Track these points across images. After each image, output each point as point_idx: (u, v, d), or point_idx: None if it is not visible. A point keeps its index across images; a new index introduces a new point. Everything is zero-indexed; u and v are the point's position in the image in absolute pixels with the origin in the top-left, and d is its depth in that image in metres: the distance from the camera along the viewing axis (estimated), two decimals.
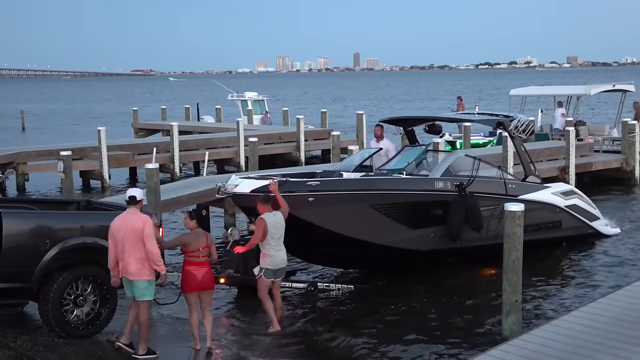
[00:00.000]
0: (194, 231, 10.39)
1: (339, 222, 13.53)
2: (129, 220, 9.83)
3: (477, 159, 15.22)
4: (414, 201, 14.25)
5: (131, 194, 10.10)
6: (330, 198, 13.40)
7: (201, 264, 10.33)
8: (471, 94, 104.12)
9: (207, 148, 30.32)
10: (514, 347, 8.95)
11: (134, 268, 9.72)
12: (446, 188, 14.52)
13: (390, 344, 11.32)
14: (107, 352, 10.18)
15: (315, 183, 13.43)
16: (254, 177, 14.07)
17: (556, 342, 9.00)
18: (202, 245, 10.32)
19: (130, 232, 9.72)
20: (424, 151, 16.06)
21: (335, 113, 66.98)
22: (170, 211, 18.96)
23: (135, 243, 9.72)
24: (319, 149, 35.21)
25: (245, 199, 13.28)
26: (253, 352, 10.79)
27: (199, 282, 10.27)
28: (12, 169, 25.89)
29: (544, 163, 24.74)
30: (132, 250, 9.70)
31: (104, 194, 25.63)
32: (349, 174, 15.14)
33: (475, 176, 14.83)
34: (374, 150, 16.31)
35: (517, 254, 10.23)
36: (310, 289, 13.68)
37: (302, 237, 13.74)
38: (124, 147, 30.20)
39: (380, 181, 14.44)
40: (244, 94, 45.20)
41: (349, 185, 14.02)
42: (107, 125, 33.85)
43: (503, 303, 10.35)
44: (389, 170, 15.26)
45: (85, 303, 10.45)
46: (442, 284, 14.27)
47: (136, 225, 9.76)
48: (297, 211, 13.08)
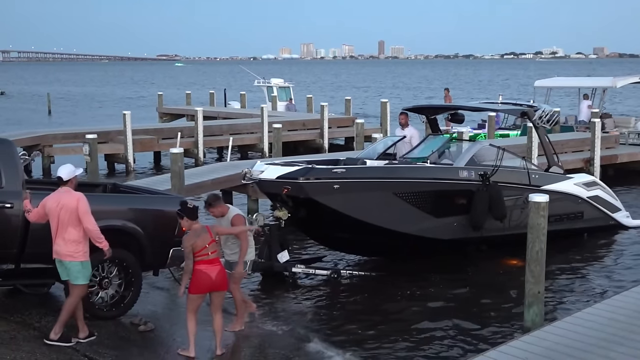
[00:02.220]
0: (193, 229, 9.39)
1: (363, 210, 13.56)
2: (61, 199, 9.28)
3: (501, 149, 15.19)
4: (438, 190, 14.25)
5: (58, 175, 9.47)
6: (355, 185, 13.42)
7: (212, 261, 9.33)
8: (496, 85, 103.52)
9: (231, 134, 30.47)
10: (535, 339, 8.94)
11: (65, 249, 9.27)
12: (470, 177, 14.51)
13: (411, 332, 11.34)
14: (130, 334, 10.26)
15: (341, 170, 13.45)
16: (280, 164, 14.11)
17: (578, 334, 8.98)
18: (207, 241, 9.32)
19: (63, 212, 9.20)
20: (448, 140, 16.03)
21: (359, 101, 66.89)
22: (193, 196, 19.07)
23: (68, 223, 9.19)
24: (343, 136, 35.17)
25: (271, 185, 13.33)
26: (271, 338, 10.82)
27: (212, 281, 9.31)
28: (38, 151, 26.02)
29: (569, 154, 24.62)
30: (62, 230, 9.22)
31: (128, 177, 25.82)
32: (373, 161, 15.17)
33: (499, 166, 14.81)
34: (398, 137, 16.31)
35: (540, 245, 10.19)
36: (333, 276, 13.73)
37: (326, 224, 13.80)
38: (148, 132, 30.36)
39: (405, 169, 14.44)
40: (270, 80, 45.24)
41: (374, 173, 14.03)
42: (131, 109, 33.99)
43: (525, 294, 10.32)
44: (413, 158, 15.27)
45: (110, 286, 10.49)
46: (464, 274, 14.27)
47: (69, 204, 9.20)
48: (322, 198, 13.14)
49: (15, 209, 9.65)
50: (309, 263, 14.31)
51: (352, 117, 35.66)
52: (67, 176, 9.37)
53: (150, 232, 10.52)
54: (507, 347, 8.74)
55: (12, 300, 10.89)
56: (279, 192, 13.26)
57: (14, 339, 9.28)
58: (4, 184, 9.71)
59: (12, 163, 9.89)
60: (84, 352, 9.09)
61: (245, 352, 10.17)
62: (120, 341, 9.86)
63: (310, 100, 41.62)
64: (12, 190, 9.72)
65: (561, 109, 31.77)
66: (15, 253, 9.75)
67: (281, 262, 13.63)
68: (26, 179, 10.61)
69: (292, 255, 14.44)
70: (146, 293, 11.26)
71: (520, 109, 17.39)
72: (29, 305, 9.68)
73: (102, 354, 9.14)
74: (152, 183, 17.27)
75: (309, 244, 16.02)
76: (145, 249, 10.40)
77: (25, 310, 9.94)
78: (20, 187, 9.79)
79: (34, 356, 8.78)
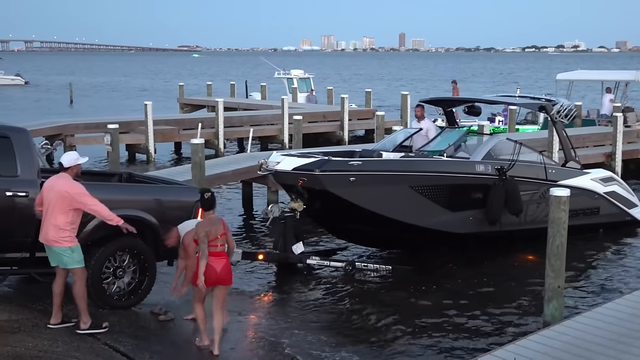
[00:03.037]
0: (207, 218, 9.19)
1: (379, 203, 13.54)
2: (55, 184, 9.23)
3: (518, 143, 15.13)
4: (454, 184, 14.22)
5: (60, 160, 9.44)
6: (371, 178, 13.40)
7: (219, 254, 9.05)
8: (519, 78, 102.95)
9: (251, 125, 30.54)
10: (555, 333, 8.93)
11: (51, 234, 9.14)
12: (487, 171, 14.46)
13: (428, 325, 11.35)
14: (150, 324, 10.32)
15: (357, 163, 13.43)
16: (296, 155, 14.11)
17: (598, 330, 8.96)
18: (219, 232, 9.03)
19: (52, 195, 9.14)
20: (465, 133, 15.98)
21: (379, 93, 66.78)
22: (213, 186, 19.16)
23: (55, 207, 9.10)
24: (363, 128, 35.15)
25: (287, 177, 13.34)
26: (286, 330, 10.85)
27: (217, 274, 9.00)
28: (60, 140, 26.22)
29: (590, 149, 24.47)
30: (51, 215, 9.14)
31: (149, 167, 25.94)
32: (389, 154, 15.14)
33: (516, 160, 14.75)
34: (414, 130, 16.26)
35: (561, 240, 10.15)
36: (348, 269, 13.73)
37: (341, 216, 13.79)
38: (169, 122, 30.49)
39: (422, 162, 14.39)
40: (290, 71, 45.22)
41: (390, 165, 14.01)
42: (152, 99, 34.11)
43: (545, 289, 10.29)
44: (429, 151, 15.20)
45: (125, 274, 10.50)
46: (481, 268, 14.24)
47: (60, 189, 9.12)
48: (338, 190, 13.12)
49: (30, 198, 9.70)
50: (325, 255, 14.33)
51: (372, 109, 35.62)
52: (68, 163, 9.36)
53: (164, 222, 10.50)
54: (527, 341, 8.72)
55: (33, 288, 10.98)
56: (295, 184, 13.26)
57: (36, 326, 9.37)
58: (19, 172, 9.77)
59: (28, 152, 9.94)
60: (104, 341, 9.16)
61: (258, 343, 10.21)
62: (140, 330, 9.93)
63: (330, 92, 41.60)
64: (27, 179, 9.79)
65: (583, 102, 31.61)
66: (30, 242, 9.78)
67: (296, 253, 13.64)
68: (42, 168, 10.64)
69: (308, 247, 14.47)
70: (165, 283, 11.32)
71: (538, 103, 17.31)
72: (49, 293, 9.73)
73: (122, 343, 9.21)
74: (172, 174, 17.34)
75: (324, 236, 16.03)
76: (160, 239, 10.43)
77: (46, 299, 10.00)
78: (35, 176, 9.85)
79: (55, 343, 8.86)
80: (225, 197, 21.33)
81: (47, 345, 8.74)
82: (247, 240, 16.62)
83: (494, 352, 8.51)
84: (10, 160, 9.74)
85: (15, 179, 9.73)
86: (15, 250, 9.86)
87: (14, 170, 9.74)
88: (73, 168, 9.39)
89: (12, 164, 9.74)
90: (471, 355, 9.81)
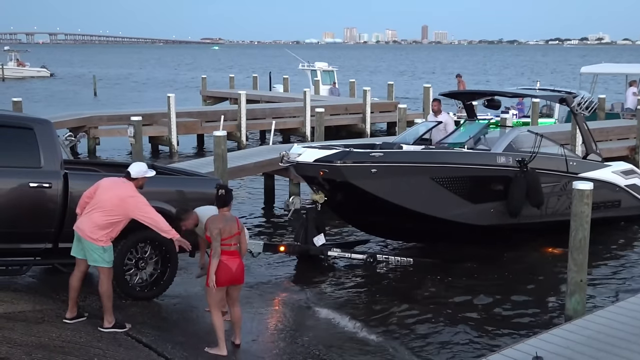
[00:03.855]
0: (222, 214, 8.90)
1: (400, 194, 13.53)
2: (116, 185, 9.22)
3: (539, 135, 15.04)
4: (475, 175, 14.19)
5: (128, 169, 9.30)
6: (393, 170, 13.39)
7: (233, 253, 8.77)
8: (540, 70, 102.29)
9: (273, 117, 30.58)
10: (577, 327, 8.89)
11: (88, 229, 9.04)
12: (508, 163, 14.40)
13: (448, 319, 11.34)
14: (172, 314, 10.39)
15: (379, 154, 13.41)
16: (317, 147, 14.12)
17: (621, 324, 8.90)
18: (233, 231, 8.76)
19: (108, 195, 9.08)
20: (486, 126, 15.91)
21: (401, 86, 66.61)
22: (235, 179, 19.25)
23: (101, 205, 9.04)
24: (385, 121, 35.09)
25: (308, 168, 13.34)
26: (307, 322, 10.90)
27: (232, 274, 8.74)
28: (84, 132, 26.45)
29: (614, 142, 24.33)
30: (95, 212, 9.07)
31: (172, 159, 26.06)
32: (409, 146, 15.09)
33: (537, 152, 14.66)
34: (433, 123, 16.22)
35: (584, 233, 10.09)
36: (369, 261, 13.75)
37: (362, 208, 13.78)
38: (192, 114, 30.60)
39: (443, 154, 14.35)
40: (314, 64, 45.19)
41: (412, 157, 13.98)
42: (175, 91, 34.27)
43: (567, 282, 10.23)
44: (450, 143, 15.16)
45: (147, 265, 10.52)
46: (502, 261, 14.24)
47: (120, 193, 9.09)
48: (359, 182, 13.12)
49: (53, 189, 9.77)
50: (346, 247, 14.34)
51: (394, 101, 35.57)
52: (136, 174, 9.26)
53: None
54: (549, 335, 8.69)
55: (56, 279, 11.07)
56: (316, 175, 13.26)
57: (60, 317, 9.43)
58: (42, 164, 9.81)
59: (51, 143, 9.99)
60: (127, 332, 9.23)
61: (279, 335, 10.25)
62: (162, 322, 9.98)
63: (353, 84, 41.54)
64: (50, 170, 9.85)
65: (607, 96, 31.34)
66: (53, 232, 9.87)
67: (317, 245, 13.65)
68: (65, 159, 10.68)
69: (329, 239, 14.48)
70: (191, 274, 11.40)
71: (558, 95, 17.12)
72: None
73: (145, 334, 9.26)
74: (195, 166, 17.40)
75: (345, 228, 16.04)
76: (182, 230, 10.42)
77: None
78: (58, 167, 9.91)
79: (78, 334, 8.93)
80: (247, 189, 21.39)
81: (71, 336, 8.81)
82: (269, 233, 16.66)
83: (516, 345, 8.49)
84: (34, 151, 9.81)
85: (38, 170, 9.80)
86: (38, 241, 9.93)
87: (37, 161, 9.80)
88: (139, 180, 9.31)
89: (36, 155, 9.80)
90: (493, 348, 9.78)
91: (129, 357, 8.44)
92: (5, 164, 9.69)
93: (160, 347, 8.88)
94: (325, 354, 9.63)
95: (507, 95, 19.20)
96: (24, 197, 9.69)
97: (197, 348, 9.05)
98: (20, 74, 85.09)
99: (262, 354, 9.46)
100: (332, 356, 9.58)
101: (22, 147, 9.84)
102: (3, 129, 9.82)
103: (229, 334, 9.23)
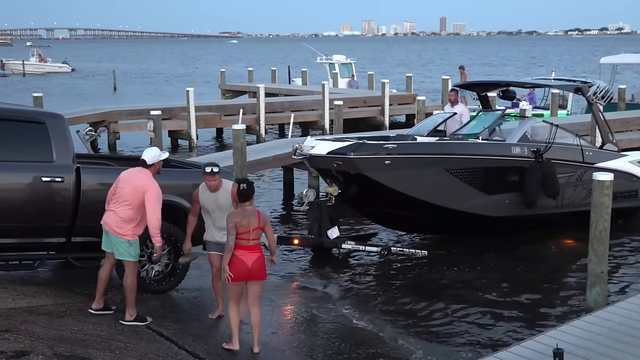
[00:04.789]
0: (242, 208, 8.65)
1: (414, 186, 13.45)
2: (134, 177, 9.21)
3: (554, 125, 14.93)
4: (490, 166, 14.08)
5: (142, 157, 9.31)
6: (406, 161, 13.31)
7: (251, 248, 8.57)
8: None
9: (292, 110, 30.60)
10: (598, 319, 8.87)
11: (114, 223, 9.14)
12: (523, 154, 14.28)
13: (468, 310, 11.33)
14: (192, 308, 10.44)
15: (392, 146, 13.35)
16: (330, 139, 14.09)
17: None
18: (252, 226, 8.53)
19: (128, 187, 9.12)
20: (500, 116, 15.81)
21: (418, 78, 66.41)
22: (255, 172, 19.28)
23: (126, 200, 9.11)
24: (403, 113, 35.00)
25: (322, 161, 13.29)
26: (324, 314, 10.89)
27: (247, 269, 8.55)
28: (104, 127, 26.57)
29: (635, 132, 24.19)
30: (118, 205, 9.14)
31: (191, 153, 26.15)
32: (423, 138, 14.97)
33: (552, 142, 14.54)
34: (448, 114, 16.10)
35: (604, 224, 10.02)
36: (384, 253, 13.69)
37: (376, 199, 13.73)
38: (211, 108, 30.65)
39: (457, 145, 14.26)
40: (332, 57, 45.16)
41: (425, 148, 13.89)
42: (194, 85, 34.34)
43: (588, 274, 10.18)
44: (464, 134, 15.05)
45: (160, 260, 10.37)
46: (519, 253, 14.18)
47: (138, 185, 9.09)
48: (373, 174, 13.06)
49: (66, 183, 9.74)
50: (360, 239, 14.30)
51: (413, 94, 35.45)
52: (151, 160, 9.29)
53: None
54: (569, 327, 8.68)
55: (78, 272, 11.14)
56: (330, 168, 13.23)
57: (81, 310, 9.51)
58: (54, 158, 9.77)
59: (63, 138, 9.92)
60: (148, 325, 9.29)
61: (298, 328, 10.30)
62: (182, 315, 10.04)
63: (371, 77, 41.49)
64: (63, 165, 9.80)
65: (628, 86, 31.10)
66: (66, 226, 9.85)
67: (331, 238, 13.62)
68: (81, 154, 10.65)
69: (343, 231, 14.47)
70: (201, 269, 11.45)
71: (574, 85, 16.94)
72: (94, 278, 9.85)
73: (165, 327, 9.32)
74: (214, 159, 17.40)
75: (360, 220, 16.00)
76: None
77: (91, 283, 10.12)
78: (71, 162, 9.86)
79: (100, 327, 8.99)
80: (266, 182, 21.43)
81: (92, 329, 8.88)
82: (288, 226, 16.70)
83: (536, 337, 8.48)
84: (46, 145, 9.75)
85: (51, 165, 9.76)
86: (51, 235, 9.93)
87: (49, 156, 9.75)
88: (155, 165, 9.32)
89: (48, 150, 9.75)
90: (512, 340, 9.76)
91: (150, 350, 8.50)
92: (17, 158, 9.68)
93: (180, 340, 8.94)
94: (345, 347, 9.65)
95: (522, 86, 19.02)
96: (36, 192, 9.68)
97: (217, 341, 9.10)
98: (42, 69, 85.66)
99: (283, 346, 9.50)
100: (352, 349, 9.60)
101: (34, 141, 9.79)
102: (15, 123, 9.80)
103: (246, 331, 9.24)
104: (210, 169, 9.32)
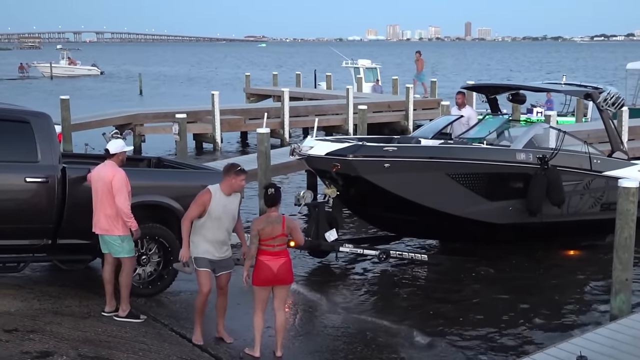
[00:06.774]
0: (267, 215, 8.67)
1: (414, 190, 13.14)
2: (101, 172, 9.25)
3: (561, 132, 14.66)
4: (494, 172, 13.73)
5: (106, 147, 9.49)
6: (406, 165, 13.03)
7: (277, 254, 8.61)
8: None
9: (316, 114, 30.54)
10: (622, 327, 8.80)
11: (104, 223, 9.16)
12: (528, 160, 13.92)
13: (489, 317, 11.28)
14: (209, 310, 10.47)
15: (392, 149, 13.06)
16: (330, 140, 13.94)
17: None
18: (276, 233, 8.55)
19: (100, 185, 9.18)
20: (506, 121, 15.60)
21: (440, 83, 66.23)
22: (279, 175, 19.31)
23: (104, 197, 9.13)
24: (428, 118, 34.86)
25: (320, 162, 13.03)
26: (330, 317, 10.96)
27: (273, 274, 8.58)
28: (129, 129, 26.78)
29: None
30: (101, 205, 9.16)
31: (215, 156, 26.25)
32: (427, 140, 14.71)
33: (559, 149, 14.20)
34: (454, 117, 15.86)
35: (630, 232, 9.93)
36: (382, 257, 13.49)
37: (375, 203, 13.46)
38: (236, 112, 30.75)
39: (459, 150, 13.93)
40: (357, 61, 45.08)
41: (426, 152, 13.62)
42: (219, 89, 34.53)
43: (613, 281, 10.09)
44: (469, 139, 14.76)
45: (149, 263, 10.40)
46: (539, 259, 14.06)
47: (106, 178, 9.12)
48: (372, 177, 12.79)
49: (51, 184, 9.56)
50: (359, 243, 14.11)
51: (437, 99, 35.35)
52: (115, 150, 9.37)
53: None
54: (594, 335, 8.62)
55: (101, 274, 11.23)
56: (328, 169, 12.98)
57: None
58: (39, 158, 9.60)
59: (48, 137, 9.75)
60: (171, 327, 9.36)
61: (320, 333, 10.30)
62: (205, 318, 9.92)
63: (395, 81, 41.39)
64: (48, 165, 9.62)
65: None
66: (52, 228, 9.69)
67: (329, 241, 13.32)
68: (64, 153, 10.48)
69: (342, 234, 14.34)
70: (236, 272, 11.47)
71: (584, 91, 16.48)
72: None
73: (189, 329, 9.37)
74: (238, 162, 17.50)
75: (359, 223, 15.89)
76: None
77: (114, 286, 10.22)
78: (56, 162, 9.69)
79: (123, 329, 9.07)
80: (290, 186, 21.45)
81: (116, 331, 8.95)
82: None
83: (560, 344, 8.42)
84: (31, 145, 9.58)
85: (35, 165, 9.59)
86: (36, 237, 9.73)
87: (34, 155, 9.58)
88: (119, 155, 9.39)
89: (33, 150, 9.59)
90: (536, 347, 9.70)
91: (173, 352, 8.56)
92: (0, 158, 9.47)
93: (203, 343, 8.98)
94: (366, 352, 9.67)
95: (531, 90, 18.68)
96: (20, 193, 9.54)
97: (239, 344, 9.13)
98: (71, 72, 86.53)
99: (304, 350, 9.54)
100: (372, 353, 9.60)
101: (18, 141, 9.61)
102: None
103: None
104: (241, 168, 8.92)
